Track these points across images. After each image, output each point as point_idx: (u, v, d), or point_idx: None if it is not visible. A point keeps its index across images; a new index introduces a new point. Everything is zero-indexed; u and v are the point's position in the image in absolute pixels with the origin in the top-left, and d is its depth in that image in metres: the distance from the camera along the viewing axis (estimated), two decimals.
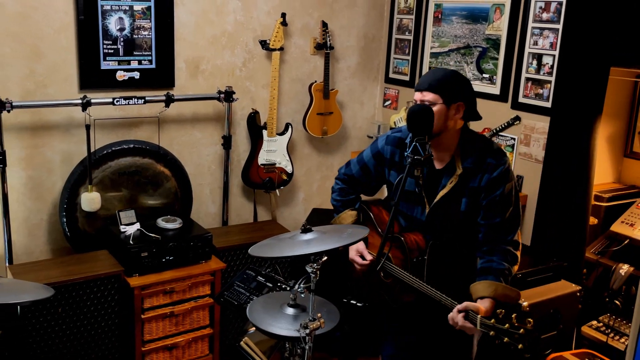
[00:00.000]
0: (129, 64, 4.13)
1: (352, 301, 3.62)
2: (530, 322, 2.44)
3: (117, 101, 3.94)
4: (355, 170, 3.10)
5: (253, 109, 4.66)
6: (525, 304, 3.32)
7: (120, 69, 4.11)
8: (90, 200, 3.87)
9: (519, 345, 2.40)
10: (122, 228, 3.85)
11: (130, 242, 3.73)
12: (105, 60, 4.04)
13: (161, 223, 3.98)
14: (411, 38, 5.01)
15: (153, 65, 4.22)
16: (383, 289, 2.96)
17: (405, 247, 2.83)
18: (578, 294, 3.62)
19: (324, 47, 4.83)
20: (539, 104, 4.06)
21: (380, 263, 2.79)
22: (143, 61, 4.17)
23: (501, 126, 4.29)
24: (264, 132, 4.65)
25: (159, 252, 3.78)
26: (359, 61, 5.23)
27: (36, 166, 3.99)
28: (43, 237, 4.11)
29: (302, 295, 2.56)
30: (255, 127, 4.66)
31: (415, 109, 2.58)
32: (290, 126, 4.77)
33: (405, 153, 2.53)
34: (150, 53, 4.19)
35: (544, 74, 4.01)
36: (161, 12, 4.17)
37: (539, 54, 4.03)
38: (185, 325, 3.89)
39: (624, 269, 4.00)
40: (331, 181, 5.18)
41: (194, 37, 4.37)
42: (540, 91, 4.04)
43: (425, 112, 2.57)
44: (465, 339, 2.89)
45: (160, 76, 4.27)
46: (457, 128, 2.74)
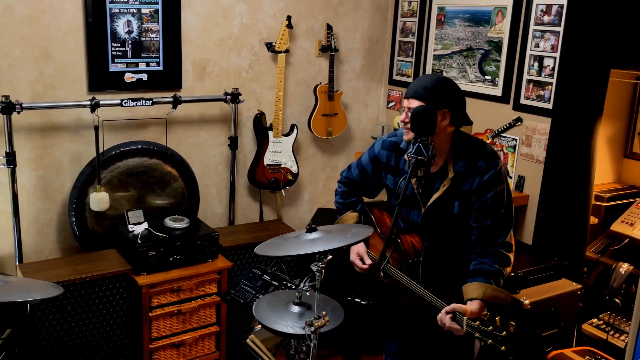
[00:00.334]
0: (137, 66, 4.16)
1: (357, 299, 3.67)
2: (513, 325, 2.46)
3: (125, 103, 3.96)
4: (355, 174, 3.13)
5: (259, 111, 4.69)
6: (527, 302, 3.38)
7: (129, 71, 4.13)
8: (98, 200, 3.89)
9: (502, 347, 2.41)
10: (130, 227, 3.87)
11: (138, 242, 3.75)
12: (113, 62, 4.07)
13: (169, 222, 4.01)
14: (414, 40, 5.04)
15: (161, 67, 4.24)
16: (383, 289, 2.99)
17: (402, 249, 2.86)
18: (579, 292, 3.63)
19: (328, 50, 4.85)
20: (540, 105, 4.07)
21: (382, 265, 2.82)
22: (151, 63, 4.20)
23: (503, 127, 4.31)
24: (270, 133, 4.68)
25: (167, 251, 3.80)
26: (363, 63, 5.26)
27: (46, 166, 4.01)
28: (52, 237, 4.13)
29: (307, 294, 2.56)
30: (261, 128, 4.68)
31: (418, 110, 2.61)
32: (295, 127, 4.80)
33: (408, 154, 2.55)
34: (157, 55, 4.21)
35: (545, 75, 4.02)
36: (168, 15, 4.19)
37: (540, 56, 4.05)
38: (192, 323, 3.92)
39: (624, 267, 4.02)
40: (336, 181, 5.23)
41: (201, 40, 4.40)
42: (542, 93, 4.05)
43: (427, 113, 2.59)
44: (467, 337, 2.94)
45: (168, 78, 4.29)
46: (447, 133, 2.74)
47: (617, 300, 4.03)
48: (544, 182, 4.03)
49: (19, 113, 3.67)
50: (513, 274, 3.47)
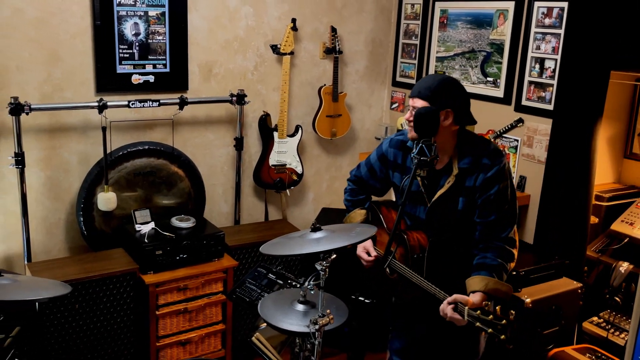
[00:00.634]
0: (144, 67, 4.18)
1: (361, 298, 3.69)
2: (512, 314, 2.48)
3: (133, 104, 3.99)
4: (363, 172, 3.17)
5: (264, 112, 4.72)
6: (528, 300, 3.41)
7: (136, 73, 4.16)
8: (106, 200, 3.91)
9: (502, 336, 2.43)
10: (138, 227, 3.90)
11: (145, 241, 3.79)
12: (121, 64, 4.10)
13: (175, 222, 4.04)
14: (417, 43, 5.07)
15: (167, 69, 4.27)
16: (388, 285, 3.02)
17: (407, 245, 2.89)
18: (579, 291, 3.65)
19: (333, 52, 4.88)
20: (541, 106, 4.09)
21: (388, 261, 2.85)
22: (158, 65, 4.23)
23: (505, 128, 4.32)
24: (275, 134, 4.71)
25: (173, 250, 3.83)
26: (367, 65, 5.28)
27: (54, 167, 4.03)
28: (61, 236, 4.15)
29: (312, 292, 2.56)
30: (266, 129, 4.71)
31: (422, 111, 2.63)
32: (300, 128, 4.83)
33: (412, 154, 2.58)
34: (164, 57, 4.24)
35: (546, 77, 4.04)
36: (175, 18, 4.22)
37: (541, 58, 4.07)
38: (198, 321, 3.94)
39: (624, 266, 4.04)
40: (340, 181, 5.30)
41: (207, 42, 4.42)
42: (543, 94, 4.07)
43: (430, 115, 2.62)
44: (472, 334, 2.95)
45: (175, 80, 4.32)
46: (452, 131, 2.77)
47: (617, 298, 4.04)
48: (545, 183, 4.05)
49: (27, 114, 3.69)
50: (515, 273, 3.49)
